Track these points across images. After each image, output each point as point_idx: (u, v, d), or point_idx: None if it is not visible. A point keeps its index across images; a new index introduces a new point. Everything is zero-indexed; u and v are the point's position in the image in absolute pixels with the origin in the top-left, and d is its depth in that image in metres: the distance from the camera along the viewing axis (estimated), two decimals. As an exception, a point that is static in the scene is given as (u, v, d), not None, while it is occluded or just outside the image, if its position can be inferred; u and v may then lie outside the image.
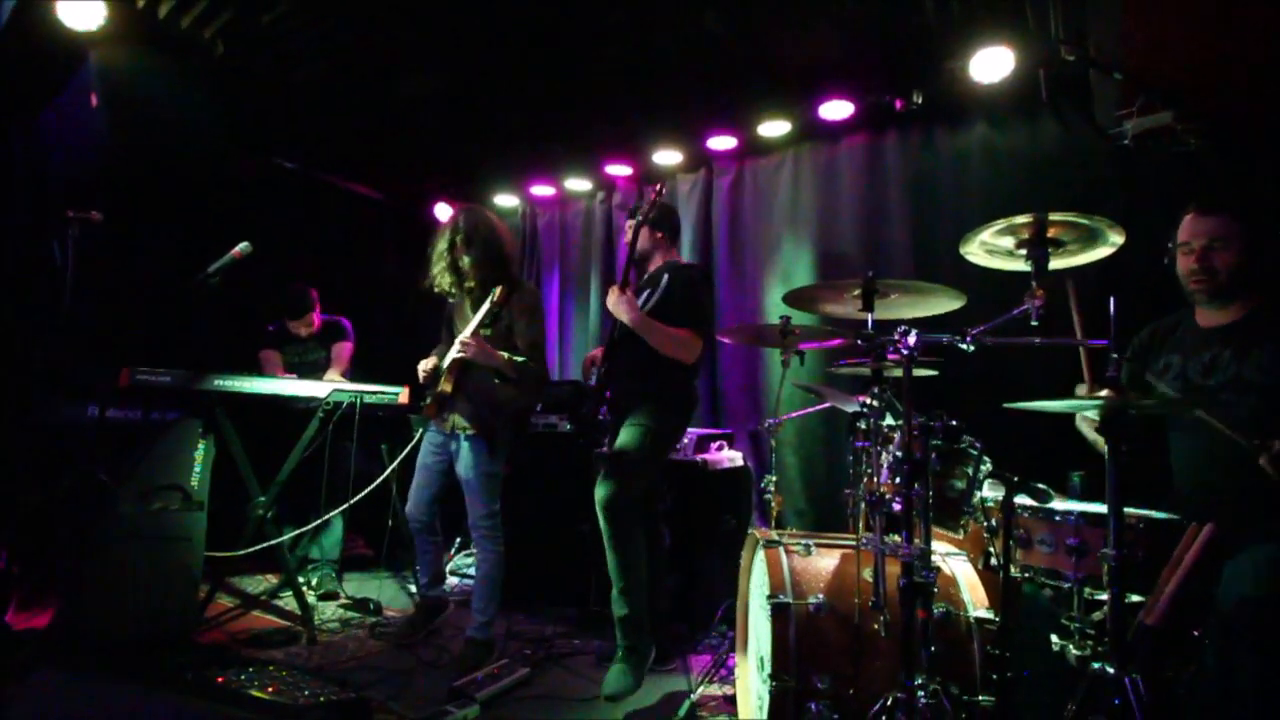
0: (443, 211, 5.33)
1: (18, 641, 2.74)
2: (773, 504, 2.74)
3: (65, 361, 2.90)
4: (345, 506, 3.26)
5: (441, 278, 3.01)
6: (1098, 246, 1.74)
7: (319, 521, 3.48)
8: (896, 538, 1.69)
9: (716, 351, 4.13)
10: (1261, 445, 1.68)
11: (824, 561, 2.06)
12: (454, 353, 2.91)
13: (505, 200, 5.21)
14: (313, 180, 4.96)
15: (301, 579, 3.69)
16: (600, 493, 2.58)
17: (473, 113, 4.16)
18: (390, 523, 3.55)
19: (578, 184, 4.77)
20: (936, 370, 2.42)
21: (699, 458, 3.44)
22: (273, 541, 3.30)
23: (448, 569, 4.40)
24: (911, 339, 1.66)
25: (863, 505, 2.01)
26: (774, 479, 2.78)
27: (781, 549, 2.08)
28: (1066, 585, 1.77)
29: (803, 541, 2.13)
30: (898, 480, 1.85)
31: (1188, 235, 2.02)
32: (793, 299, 2.25)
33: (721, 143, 4.03)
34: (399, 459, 3.52)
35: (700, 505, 3.41)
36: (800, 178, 3.92)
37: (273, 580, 3.96)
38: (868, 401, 2.04)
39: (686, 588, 3.36)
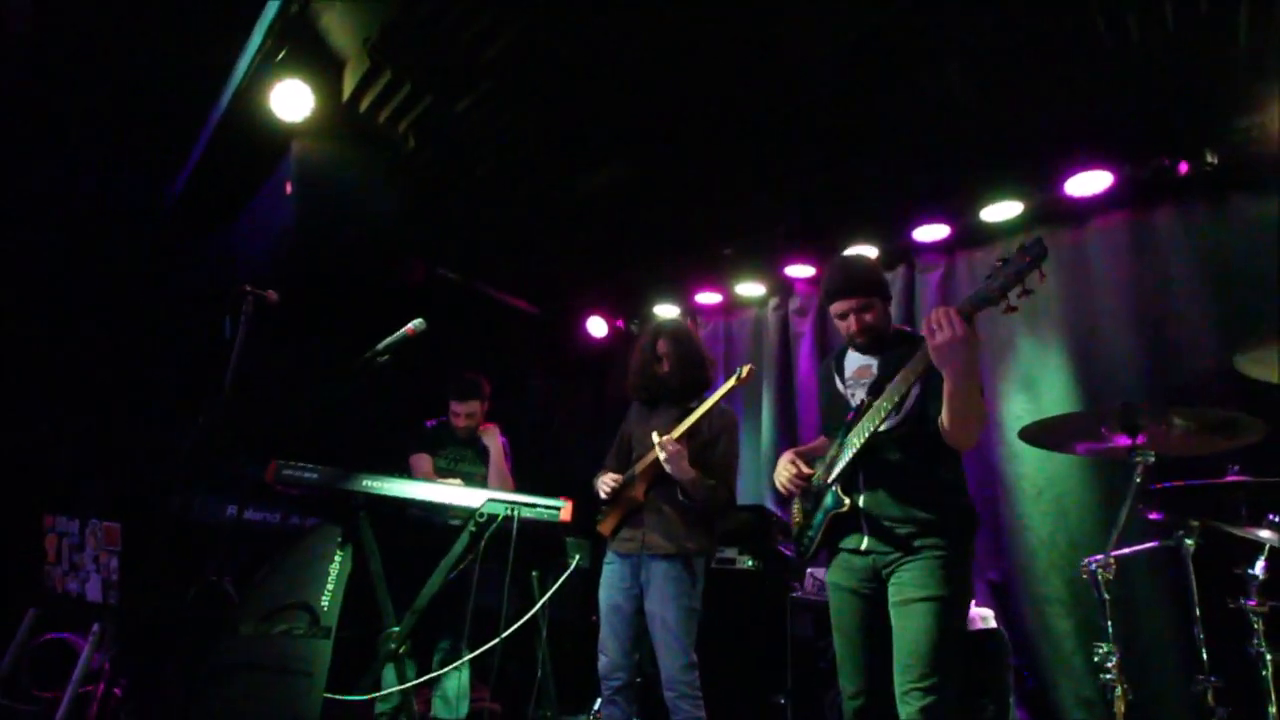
0: (596, 326, 5.07)
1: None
2: (1120, 693, 1.81)
3: (215, 448, 2.60)
4: (496, 642, 2.62)
5: (637, 386, 2.80)
6: None
7: (459, 663, 2.87)
8: None
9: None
10: None
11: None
12: (656, 453, 2.41)
13: (664, 311, 4.88)
14: (470, 291, 4.87)
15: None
16: (910, 710, 1.79)
17: (641, 215, 3.96)
18: (539, 672, 2.86)
19: (749, 289, 4.36)
20: None
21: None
22: (402, 687, 2.71)
23: (586, 741, 3.57)
24: None
25: None
26: (1114, 651, 1.88)
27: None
28: None
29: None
30: None
31: None
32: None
33: (930, 232, 3.51)
34: (551, 590, 2.91)
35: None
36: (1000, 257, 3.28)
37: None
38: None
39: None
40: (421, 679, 2.91)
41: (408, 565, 2.88)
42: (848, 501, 1.97)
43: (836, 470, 2.01)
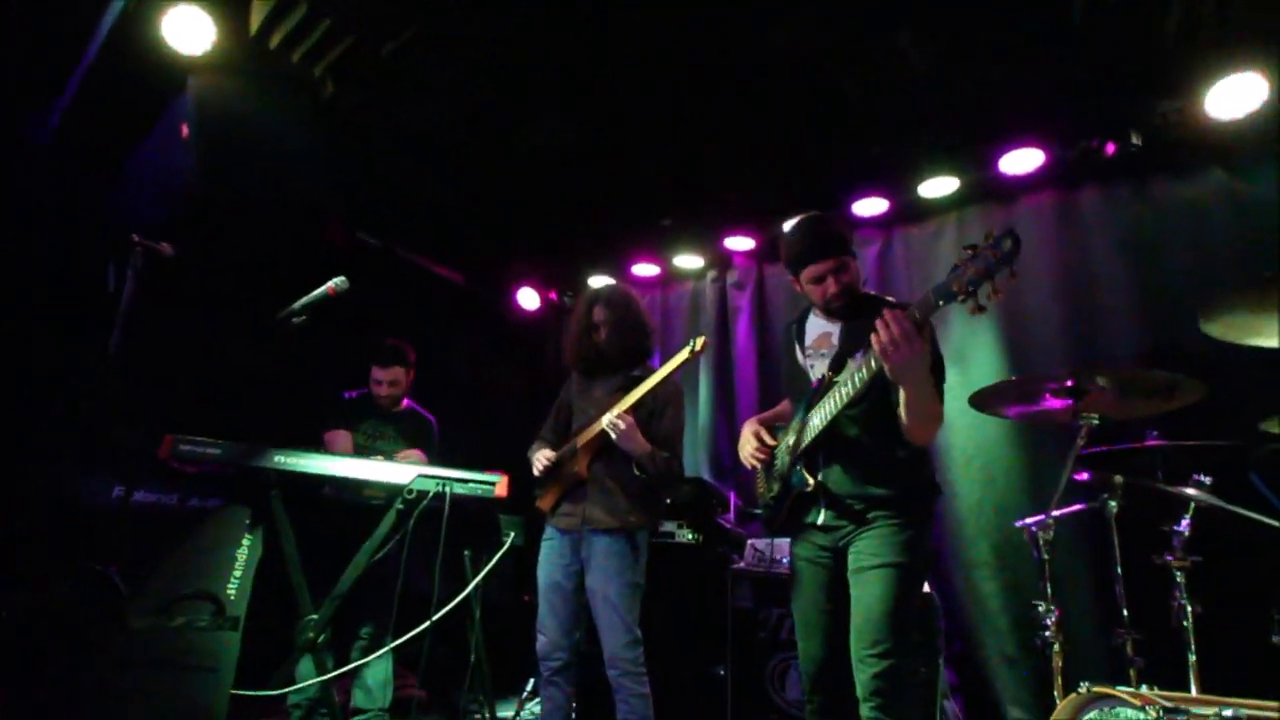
0: (528, 298, 4.89)
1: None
2: (1056, 647, 1.87)
3: (96, 422, 2.28)
4: (426, 625, 2.45)
5: (575, 355, 2.67)
6: None
7: (382, 651, 2.68)
8: None
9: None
10: None
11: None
12: (602, 425, 2.31)
13: (599, 284, 4.74)
14: (393, 257, 4.55)
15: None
16: (866, 675, 1.77)
17: (577, 181, 3.80)
18: (472, 656, 2.71)
19: (687, 261, 4.28)
20: None
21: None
22: (320, 679, 2.50)
23: (519, 722, 3.47)
24: None
25: None
26: (1052, 608, 1.94)
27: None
28: None
29: (1217, 709, 1.29)
30: None
31: None
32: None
33: (869, 206, 3.53)
34: (486, 570, 2.76)
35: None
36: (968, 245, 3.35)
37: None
38: None
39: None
40: (341, 669, 2.71)
41: (324, 548, 2.67)
42: (812, 482, 1.96)
43: (800, 448, 1.99)
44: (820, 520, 1.95)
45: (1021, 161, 3.06)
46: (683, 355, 2.29)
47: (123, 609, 2.14)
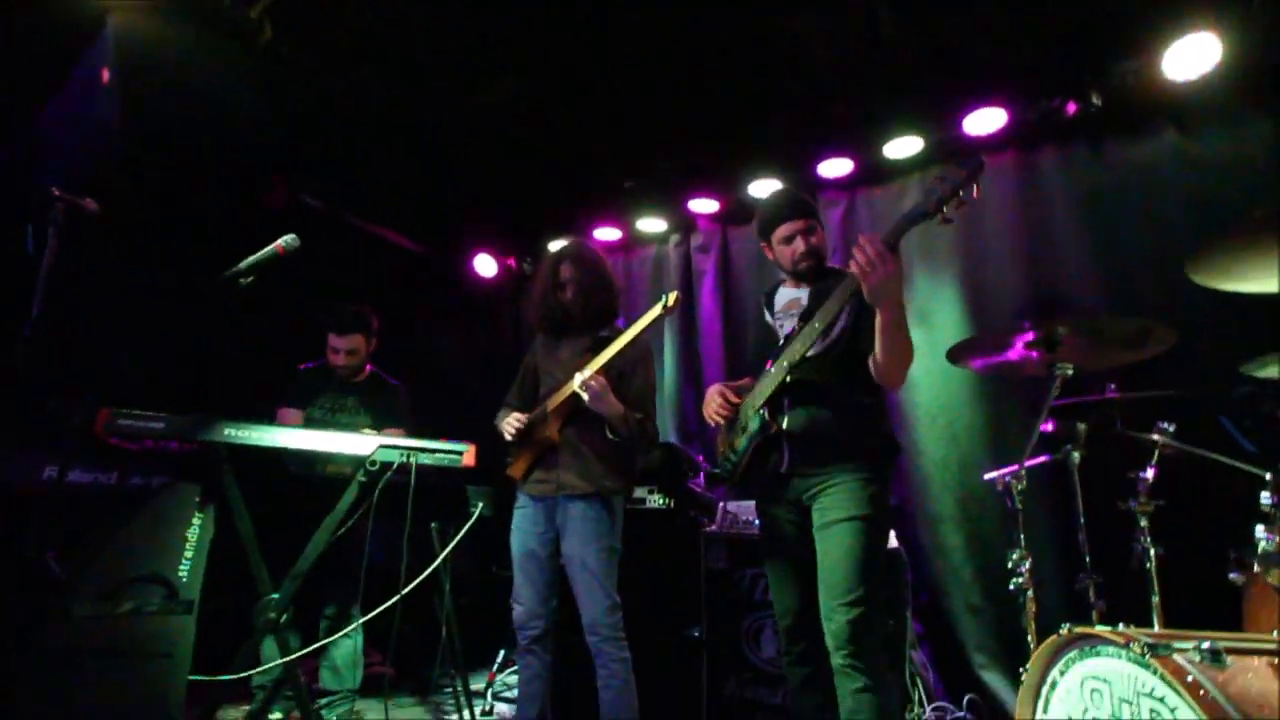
0: (485, 265, 4.73)
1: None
2: (1030, 594, 1.92)
3: (21, 395, 2.08)
4: (395, 600, 2.36)
5: (540, 315, 2.58)
6: None
7: (350, 629, 2.58)
8: None
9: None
10: None
11: (1261, 681, 1.27)
12: (574, 388, 2.27)
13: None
14: (340, 222, 4.32)
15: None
16: (837, 624, 1.81)
17: (535, 141, 3.65)
18: (443, 631, 2.64)
19: (650, 224, 4.20)
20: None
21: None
22: (280, 661, 2.39)
23: (490, 694, 3.43)
24: None
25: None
26: (1025, 557, 1.99)
27: (1177, 655, 1.29)
28: None
29: (1196, 643, 1.34)
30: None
31: None
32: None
33: (834, 167, 3.51)
34: (454, 541, 2.68)
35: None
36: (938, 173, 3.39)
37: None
38: None
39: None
40: (308, 649, 2.60)
41: (283, 525, 2.54)
42: (775, 426, 1.96)
43: (764, 395, 2.01)
44: (784, 467, 1.97)
45: (984, 121, 3.09)
46: (655, 311, 2.25)
47: (63, 596, 1.99)
